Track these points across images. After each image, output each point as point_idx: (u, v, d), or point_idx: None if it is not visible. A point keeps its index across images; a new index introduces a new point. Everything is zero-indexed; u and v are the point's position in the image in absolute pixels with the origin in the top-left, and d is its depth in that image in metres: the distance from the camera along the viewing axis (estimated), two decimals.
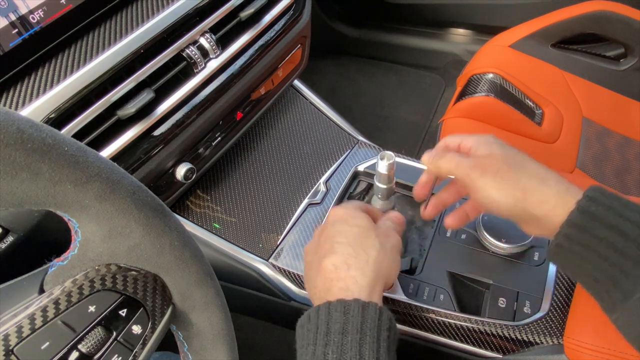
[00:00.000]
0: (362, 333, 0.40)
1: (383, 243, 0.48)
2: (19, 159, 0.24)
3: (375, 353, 0.39)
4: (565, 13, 0.97)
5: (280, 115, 0.83)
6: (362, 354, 0.39)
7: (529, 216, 0.43)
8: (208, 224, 0.69)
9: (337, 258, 0.45)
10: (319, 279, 0.46)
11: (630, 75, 0.99)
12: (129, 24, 0.55)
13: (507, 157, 0.45)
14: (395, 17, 1.54)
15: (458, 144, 0.50)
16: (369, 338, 0.40)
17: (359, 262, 0.45)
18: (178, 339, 0.37)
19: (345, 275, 0.44)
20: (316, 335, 0.41)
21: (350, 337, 0.40)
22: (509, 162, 0.45)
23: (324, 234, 0.49)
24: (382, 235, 0.49)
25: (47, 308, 0.28)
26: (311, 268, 0.49)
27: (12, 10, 0.47)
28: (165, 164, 0.61)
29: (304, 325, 0.43)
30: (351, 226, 0.48)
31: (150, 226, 0.30)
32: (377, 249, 0.46)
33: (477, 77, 0.96)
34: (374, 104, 1.52)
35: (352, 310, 0.41)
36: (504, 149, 0.46)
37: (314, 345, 0.41)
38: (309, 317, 0.43)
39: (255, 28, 0.67)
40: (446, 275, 0.59)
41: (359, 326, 0.40)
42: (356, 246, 0.46)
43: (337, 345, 0.40)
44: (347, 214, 0.50)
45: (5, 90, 0.47)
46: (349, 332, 0.40)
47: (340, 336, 0.40)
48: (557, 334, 0.53)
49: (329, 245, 0.47)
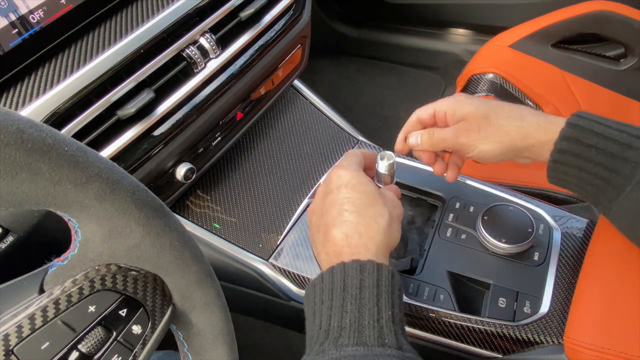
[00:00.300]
0: (379, 289, 0.41)
1: (391, 212, 0.48)
2: (19, 159, 0.24)
3: (391, 308, 0.41)
4: (565, 13, 0.96)
5: (280, 115, 0.83)
6: (379, 307, 0.41)
7: (520, 152, 0.50)
8: (208, 224, 0.69)
9: (348, 227, 0.46)
10: (329, 246, 0.46)
11: (630, 75, 0.98)
12: (129, 24, 0.55)
13: (481, 110, 0.50)
14: (395, 17, 1.54)
15: (432, 114, 0.54)
16: (385, 294, 0.41)
17: (370, 232, 0.45)
18: (178, 339, 0.37)
19: (357, 243, 0.45)
20: (331, 291, 0.42)
21: (367, 292, 0.41)
22: (485, 113, 0.50)
23: (330, 199, 0.49)
24: (389, 204, 0.49)
25: (47, 308, 0.28)
26: (318, 232, 0.49)
27: (12, 10, 0.47)
28: (165, 164, 0.61)
29: (317, 285, 0.44)
30: (359, 193, 0.48)
31: (150, 226, 0.30)
32: (386, 219, 0.47)
33: (477, 77, 0.96)
34: (374, 104, 1.52)
35: (367, 269, 0.42)
36: (476, 105, 0.51)
37: (330, 300, 0.42)
38: (321, 278, 0.44)
39: (255, 28, 0.67)
40: (446, 275, 0.59)
41: (375, 282, 0.41)
42: (365, 215, 0.46)
43: (356, 298, 0.41)
44: (353, 178, 0.49)
45: (5, 90, 0.47)
46: (366, 287, 0.41)
47: (357, 290, 0.41)
48: (557, 334, 0.53)
49: (337, 213, 0.47)
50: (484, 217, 0.60)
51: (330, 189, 0.50)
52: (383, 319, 0.40)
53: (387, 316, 0.41)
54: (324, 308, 0.42)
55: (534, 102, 0.93)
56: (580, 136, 0.45)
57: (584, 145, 0.45)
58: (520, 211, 0.61)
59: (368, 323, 0.40)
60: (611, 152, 0.44)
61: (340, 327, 0.40)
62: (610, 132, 0.45)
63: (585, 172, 0.46)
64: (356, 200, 0.47)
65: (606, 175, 0.45)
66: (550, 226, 0.62)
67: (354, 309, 0.40)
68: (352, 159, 0.53)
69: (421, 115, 0.56)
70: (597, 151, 0.45)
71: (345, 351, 0.38)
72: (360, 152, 0.55)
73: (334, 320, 0.41)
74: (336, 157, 0.78)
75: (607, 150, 0.44)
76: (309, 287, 0.45)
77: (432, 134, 0.53)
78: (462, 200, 0.66)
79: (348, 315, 0.40)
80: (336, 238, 0.45)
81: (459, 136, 0.51)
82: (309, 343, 0.43)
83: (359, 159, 0.54)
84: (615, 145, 0.44)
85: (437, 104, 0.54)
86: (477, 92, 0.93)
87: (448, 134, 0.52)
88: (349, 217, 0.46)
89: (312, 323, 0.43)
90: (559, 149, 0.46)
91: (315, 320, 0.43)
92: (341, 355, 0.38)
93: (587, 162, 0.45)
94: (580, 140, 0.45)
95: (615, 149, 0.44)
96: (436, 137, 0.53)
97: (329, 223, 0.47)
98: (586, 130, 0.45)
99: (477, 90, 0.94)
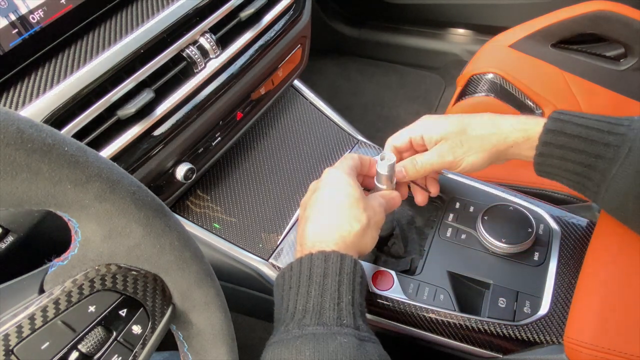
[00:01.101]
0: (340, 276, 0.46)
1: (369, 218, 0.50)
2: (19, 159, 0.24)
3: (351, 293, 0.46)
4: (565, 13, 0.96)
5: (280, 115, 0.83)
6: (340, 292, 0.45)
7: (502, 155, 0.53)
8: (208, 224, 0.69)
9: (323, 224, 0.49)
10: (303, 239, 0.50)
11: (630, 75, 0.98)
12: (129, 24, 0.55)
13: (457, 126, 0.53)
14: (395, 17, 1.54)
15: (408, 141, 0.57)
16: (346, 281, 0.46)
17: (342, 232, 0.49)
18: (178, 339, 0.37)
19: (327, 240, 0.48)
20: (299, 279, 0.46)
21: (330, 279, 0.45)
22: (462, 129, 0.53)
23: (315, 195, 0.52)
24: (370, 209, 0.51)
25: (47, 308, 0.28)
26: (300, 224, 0.53)
27: (12, 10, 0.47)
28: (165, 164, 0.61)
29: (286, 273, 0.48)
30: (343, 195, 0.50)
31: (150, 226, 0.30)
32: (362, 224, 0.49)
33: (477, 77, 0.96)
34: (374, 104, 1.52)
35: (331, 259, 0.46)
36: (449, 122, 0.54)
37: (297, 287, 0.46)
38: (291, 267, 0.48)
39: (255, 28, 0.67)
40: (446, 275, 0.59)
41: (337, 270, 0.46)
42: (342, 215, 0.49)
43: (319, 285, 0.45)
44: (339, 179, 0.52)
45: (5, 90, 0.47)
46: (329, 275, 0.46)
47: (321, 278, 0.46)
48: (557, 334, 0.53)
49: (317, 210, 0.50)
50: (484, 217, 0.60)
51: (317, 186, 0.53)
52: (343, 302, 0.45)
53: (347, 300, 0.45)
54: (291, 293, 0.46)
55: (533, 102, 0.93)
56: (563, 128, 0.48)
57: (567, 136, 0.48)
58: (520, 211, 0.61)
59: (329, 306, 0.44)
60: (593, 139, 0.47)
61: (305, 310, 0.45)
62: (591, 122, 0.47)
63: (570, 162, 0.48)
64: (337, 200, 0.50)
65: (590, 161, 0.47)
66: (550, 226, 0.62)
67: (317, 295, 0.45)
68: (347, 162, 0.55)
69: (396, 143, 0.58)
70: (580, 140, 0.47)
71: (307, 330, 0.43)
72: (358, 157, 0.56)
73: (299, 304, 0.45)
74: (336, 157, 0.78)
75: (589, 137, 0.47)
76: (279, 276, 0.49)
77: (415, 163, 0.56)
78: (462, 200, 0.66)
79: (312, 299, 0.45)
80: (310, 232, 0.49)
81: (444, 156, 0.54)
82: (276, 325, 0.47)
83: (354, 163, 0.55)
84: (596, 132, 0.47)
85: (410, 129, 0.57)
86: (477, 92, 0.93)
87: (433, 158, 0.54)
88: (326, 215, 0.50)
89: (279, 307, 0.48)
90: (544, 142, 0.49)
91: (282, 304, 0.47)
92: (302, 334, 0.42)
93: (571, 151, 0.48)
94: (563, 132, 0.48)
95: (597, 135, 0.47)
96: (420, 164, 0.55)
97: (308, 217, 0.51)
98: (567, 123, 0.48)
99: (477, 90, 0.94)
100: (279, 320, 0.47)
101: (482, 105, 0.90)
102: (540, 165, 0.51)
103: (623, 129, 0.47)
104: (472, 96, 0.93)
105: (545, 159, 0.50)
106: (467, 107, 0.91)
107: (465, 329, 0.55)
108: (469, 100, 0.93)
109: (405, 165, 0.56)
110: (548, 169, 0.51)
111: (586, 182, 0.49)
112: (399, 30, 1.56)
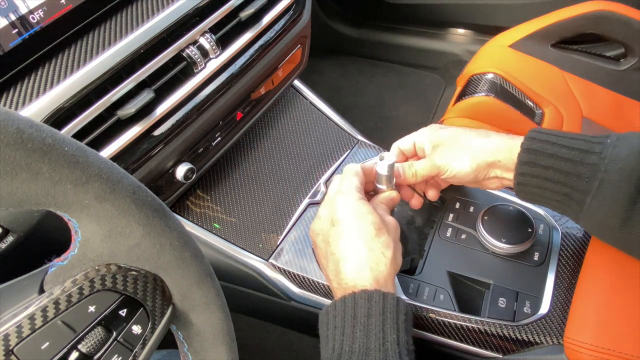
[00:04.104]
0: (384, 315, 0.46)
1: (395, 239, 0.52)
2: (19, 159, 0.24)
3: (396, 332, 0.46)
4: (565, 13, 0.96)
5: (280, 115, 0.83)
6: (384, 332, 0.45)
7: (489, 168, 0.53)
8: (208, 224, 0.69)
9: (359, 262, 0.49)
10: (341, 279, 0.49)
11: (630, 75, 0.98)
12: (129, 24, 0.55)
13: (453, 134, 0.55)
14: (395, 17, 1.54)
15: (412, 145, 0.58)
16: (390, 320, 0.46)
17: (380, 265, 0.49)
18: (178, 339, 0.37)
19: (368, 276, 0.48)
20: (343, 319, 0.47)
21: (374, 319, 0.46)
22: (456, 136, 0.55)
23: (338, 230, 0.51)
24: (392, 231, 0.52)
25: (47, 308, 0.28)
26: (327, 260, 0.52)
27: (12, 10, 0.47)
28: (165, 164, 0.61)
29: (330, 312, 0.48)
30: (366, 224, 0.50)
31: (150, 226, 0.30)
32: (392, 249, 0.50)
33: (477, 77, 0.96)
34: (374, 104, 1.52)
35: (374, 298, 0.46)
36: (449, 131, 0.56)
37: (342, 327, 0.47)
38: (334, 306, 0.48)
39: (255, 28, 0.67)
40: (446, 275, 0.59)
41: (381, 310, 0.46)
42: (374, 248, 0.49)
43: (364, 325, 0.46)
44: (359, 208, 0.51)
45: (5, 90, 0.47)
46: (372, 315, 0.46)
47: (365, 318, 0.46)
48: (557, 334, 0.53)
49: (347, 246, 0.50)
50: (484, 217, 0.60)
51: (336, 218, 0.51)
52: (388, 342, 0.45)
53: (392, 339, 0.45)
54: (336, 333, 0.47)
55: (533, 102, 0.93)
56: (536, 160, 0.49)
57: (540, 167, 0.49)
58: (520, 211, 0.61)
59: (374, 347, 0.44)
60: (566, 170, 0.48)
61: (351, 351, 0.45)
62: (563, 152, 0.48)
63: (547, 190, 0.50)
64: (364, 232, 0.50)
65: (566, 191, 0.48)
66: (550, 226, 0.62)
67: (362, 335, 0.45)
68: (353, 182, 0.54)
69: (402, 145, 0.59)
70: (554, 171, 0.48)
71: None
72: (361, 171, 0.56)
73: (345, 344, 0.45)
74: (336, 157, 0.78)
75: (562, 169, 0.48)
76: (323, 314, 0.50)
77: (411, 165, 0.57)
78: (462, 200, 0.66)
79: (357, 340, 0.45)
80: (348, 272, 0.49)
81: (434, 159, 0.55)
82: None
83: (360, 179, 0.55)
84: (568, 164, 0.48)
85: (416, 135, 0.58)
86: (477, 92, 0.93)
87: (426, 162, 0.56)
88: (359, 251, 0.49)
89: (325, 346, 0.48)
90: (520, 173, 0.50)
91: (328, 343, 0.47)
92: None
93: (547, 181, 0.49)
94: (536, 163, 0.49)
95: (569, 167, 0.47)
96: (415, 167, 0.57)
97: (340, 256, 0.50)
98: (539, 153, 0.49)
99: (477, 91, 0.94)
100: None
101: (482, 105, 0.90)
102: (519, 192, 0.52)
103: (594, 158, 0.46)
104: (472, 96, 0.93)
105: (524, 187, 0.51)
106: (467, 107, 0.91)
107: (465, 329, 0.55)
108: (469, 100, 0.93)
109: (403, 166, 0.57)
110: (528, 196, 0.52)
111: (566, 209, 0.50)
112: (399, 30, 1.56)
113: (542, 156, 0.49)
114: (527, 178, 0.50)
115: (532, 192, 0.51)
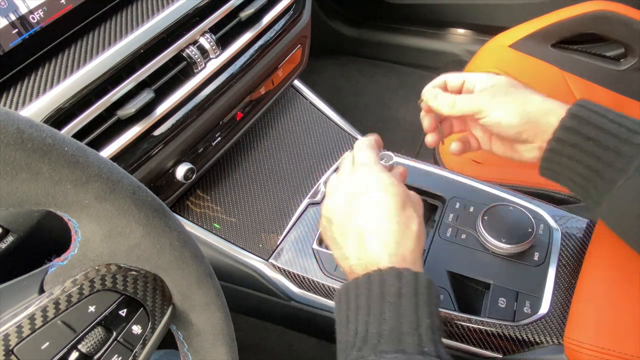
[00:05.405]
0: (417, 297, 0.41)
1: (419, 213, 0.47)
2: (19, 159, 0.24)
3: (429, 316, 0.41)
4: (565, 13, 0.96)
5: (280, 115, 0.83)
6: (418, 316, 0.40)
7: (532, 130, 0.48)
8: (208, 224, 0.69)
9: (385, 236, 0.44)
10: (363, 253, 0.45)
11: (630, 75, 0.98)
12: (129, 24, 0.55)
13: (511, 80, 0.52)
14: (395, 17, 1.54)
15: (461, 83, 0.54)
16: (422, 303, 0.41)
17: (406, 240, 0.45)
18: (178, 339, 0.37)
19: (395, 252, 0.44)
20: (368, 298, 0.41)
21: (406, 301, 0.40)
22: (514, 83, 0.51)
23: (360, 201, 0.47)
24: (417, 205, 0.48)
25: (47, 308, 0.28)
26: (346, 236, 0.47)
27: (12, 10, 0.47)
28: (165, 164, 0.61)
29: (351, 291, 0.43)
30: (391, 196, 0.46)
31: (150, 226, 0.30)
32: (417, 223, 0.46)
33: None
34: (374, 104, 1.52)
35: (405, 277, 0.41)
36: (507, 77, 0.52)
37: (368, 307, 0.41)
38: (356, 284, 0.43)
39: (255, 28, 0.67)
40: (446, 275, 0.59)
41: (413, 290, 0.41)
42: (400, 222, 0.45)
43: (396, 306, 0.40)
44: (382, 179, 0.47)
45: (5, 90, 0.47)
46: (404, 295, 0.41)
47: (396, 298, 0.40)
48: (557, 334, 0.53)
49: (372, 218, 0.45)
50: (484, 217, 0.60)
51: (358, 190, 0.47)
52: (422, 327, 0.40)
53: (426, 324, 0.40)
54: (360, 314, 0.42)
55: None
56: (580, 127, 0.45)
57: (582, 137, 0.45)
58: (520, 211, 0.61)
59: (407, 331, 0.39)
60: (608, 145, 0.44)
61: (379, 334, 0.40)
62: (610, 126, 0.45)
63: (579, 164, 0.46)
64: (390, 204, 0.45)
65: (600, 167, 0.45)
66: (550, 226, 0.62)
67: (393, 317, 0.40)
68: (372, 155, 0.51)
69: (449, 79, 0.55)
70: (595, 143, 0.45)
71: (386, 358, 0.38)
72: (374, 141, 0.53)
73: (371, 327, 0.40)
74: (336, 157, 0.78)
75: (604, 143, 0.44)
76: (342, 292, 0.44)
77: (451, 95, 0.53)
78: (462, 200, 0.66)
79: (387, 322, 0.40)
80: (373, 246, 0.44)
81: (479, 98, 0.50)
82: (343, 347, 0.42)
83: (376, 151, 0.52)
84: (613, 139, 0.44)
85: (469, 74, 0.54)
86: None
87: (469, 96, 0.52)
88: (384, 224, 0.45)
89: (345, 327, 0.43)
90: (557, 138, 0.46)
91: (349, 325, 0.42)
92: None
93: (583, 153, 0.45)
94: (579, 132, 0.45)
95: (613, 142, 0.44)
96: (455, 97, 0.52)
97: (364, 229, 0.45)
98: (585, 122, 0.45)
99: None
100: (347, 343, 0.42)
101: None
102: (547, 161, 0.48)
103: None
104: None
105: (555, 156, 0.47)
106: None
107: (465, 329, 0.55)
108: None
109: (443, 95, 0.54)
110: (555, 166, 0.48)
111: (590, 189, 0.47)
112: (399, 30, 1.56)
113: (587, 125, 0.45)
114: (563, 146, 0.46)
115: (560, 163, 0.47)
